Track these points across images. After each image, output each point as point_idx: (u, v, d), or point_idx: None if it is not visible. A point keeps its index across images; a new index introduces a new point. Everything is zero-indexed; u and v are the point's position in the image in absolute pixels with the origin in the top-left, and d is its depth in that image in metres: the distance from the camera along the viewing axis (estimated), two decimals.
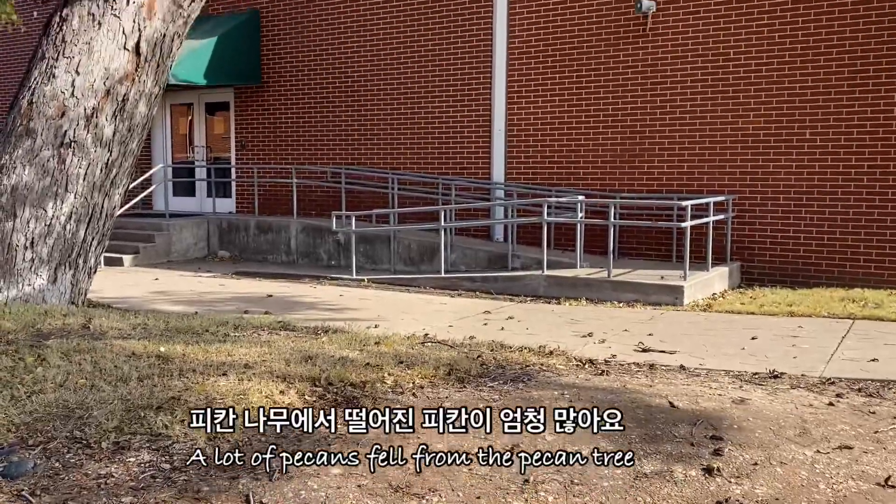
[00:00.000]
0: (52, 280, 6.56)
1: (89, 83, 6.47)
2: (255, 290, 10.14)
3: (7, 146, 6.47)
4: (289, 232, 13.35)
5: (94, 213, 6.73)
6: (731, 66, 10.75)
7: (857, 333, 7.17)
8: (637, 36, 11.32)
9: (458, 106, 12.90)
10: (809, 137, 10.37)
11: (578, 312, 8.57)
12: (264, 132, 14.98)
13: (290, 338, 5.19)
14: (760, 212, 10.72)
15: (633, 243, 11.53)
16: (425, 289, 10.34)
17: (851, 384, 4.92)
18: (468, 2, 12.65)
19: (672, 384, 4.55)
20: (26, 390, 3.62)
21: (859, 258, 10.15)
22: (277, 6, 14.58)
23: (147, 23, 6.63)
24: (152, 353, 4.29)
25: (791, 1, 10.32)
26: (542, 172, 12.24)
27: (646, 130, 11.39)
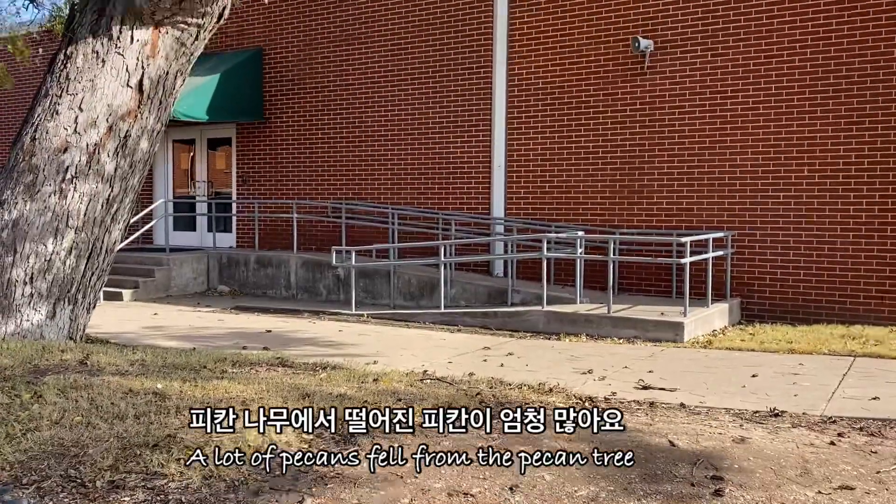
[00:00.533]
0: (50, 315, 6.54)
1: (92, 119, 6.53)
2: (254, 325, 10.12)
3: (9, 181, 6.50)
4: (288, 266, 13.36)
5: (95, 249, 6.74)
6: (729, 104, 10.85)
7: (857, 371, 7.13)
8: (635, 74, 11.45)
9: (458, 142, 13.00)
10: (808, 174, 10.43)
11: (578, 349, 8.54)
12: (265, 167, 15.07)
13: (288, 374, 5.17)
14: (760, 248, 10.74)
15: (632, 279, 11.53)
16: (425, 324, 10.31)
17: (853, 423, 4.88)
18: (468, 40, 12.81)
19: (672, 422, 4.52)
20: (21, 427, 3.59)
21: (859, 294, 10.14)
22: (280, 44, 14.77)
23: (150, 61, 6.71)
24: (149, 390, 4.27)
25: (790, 41, 10.45)
26: (542, 208, 12.29)
27: (644, 167, 11.46)
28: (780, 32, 10.49)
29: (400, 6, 13.43)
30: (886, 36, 9.90)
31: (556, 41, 12.03)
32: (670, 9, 11.18)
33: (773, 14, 10.52)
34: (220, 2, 6.82)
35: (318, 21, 14.32)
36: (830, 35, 10.21)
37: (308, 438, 3.68)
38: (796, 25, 10.40)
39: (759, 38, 10.61)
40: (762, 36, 10.60)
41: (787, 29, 10.45)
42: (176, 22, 6.73)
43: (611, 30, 11.61)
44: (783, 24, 10.48)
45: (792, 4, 10.42)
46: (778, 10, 10.50)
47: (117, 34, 6.61)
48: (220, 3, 6.83)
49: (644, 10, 11.34)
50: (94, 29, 6.65)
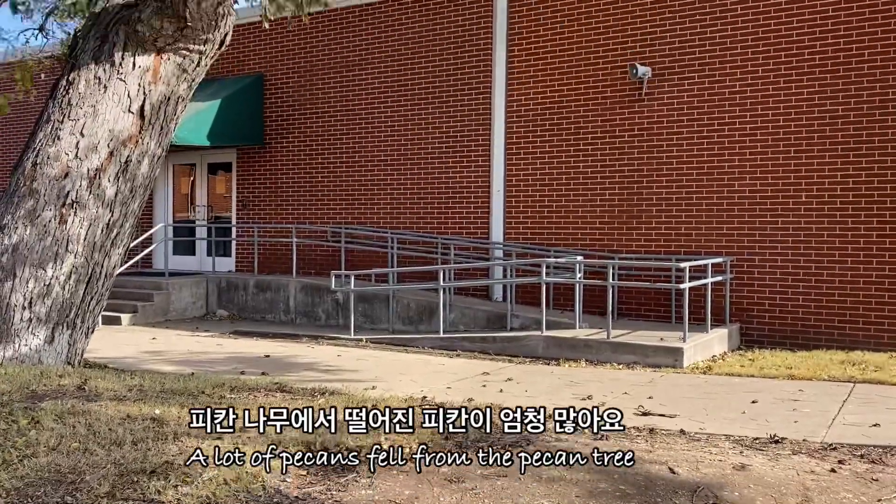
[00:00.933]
0: (48, 340, 6.53)
1: (93, 145, 6.57)
2: (253, 349, 10.09)
3: (10, 206, 6.53)
4: (287, 291, 13.35)
5: (94, 274, 6.75)
6: (727, 130, 10.92)
7: (857, 397, 7.11)
8: (633, 100, 11.53)
9: (457, 167, 13.06)
10: (805, 200, 10.46)
11: (578, 374, 8.51)
12: (266, 192, 15.12)
13: (286, 400, 5.15)
14: (759, 273, 10.75)
15: (632, 304, 11.52)
16: (424, 349, 10.29)
17: (853, 450, 4.86)
18: (468, 67, 12.91)
19: (672, 449, 4.50)
20: (18, 454, 3.58)
21: (858, 320, 10.13)
22: (281, 70, 14.88)
23: (152, 87, 6.76)
24: (147, 416, 4.25)
25: (786, 67, 10.53)
26: (541, 232, 12.32)
27: (643, 192, 11.51)
28: (777, 59, 10.59)
29: (399, 33, 13.55)
30: (882, 63, 9.99)
31: (555, 67, 12.13)
32: (667, 36, 11.29)
33: (770, 41, 10.62)
34: (221, 29, 6.89)
35: (319, 47, 14.45)
36: (827, 62, 10.30)
37: (305, 466, 3.66)
38: (792, 53, 10.49)
39: (756, 65, 10.71)
40: (759, 63, 10.69)
41: (784, 56, 10.55)
42: (178, 49, 6.80)
43: (609, 56, 11.71)
44: (779, 52, 10.57)
45: (788, 32, 10.52)
46: (774, 37, 10.60)
47: (119, 60, 6.68)
48: (221, 30, 6.90)
49: (641, 38, 11.45)
50: (97, 55, 6.71)
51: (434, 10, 13.23)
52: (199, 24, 6.67)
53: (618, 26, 11.64)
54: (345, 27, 14.13)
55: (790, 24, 10.51)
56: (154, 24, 6.61)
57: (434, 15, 13.22)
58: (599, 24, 11.78)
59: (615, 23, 11.66)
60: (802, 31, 10.45)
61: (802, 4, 10.45)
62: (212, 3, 6.55)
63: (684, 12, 11.18)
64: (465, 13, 12.94)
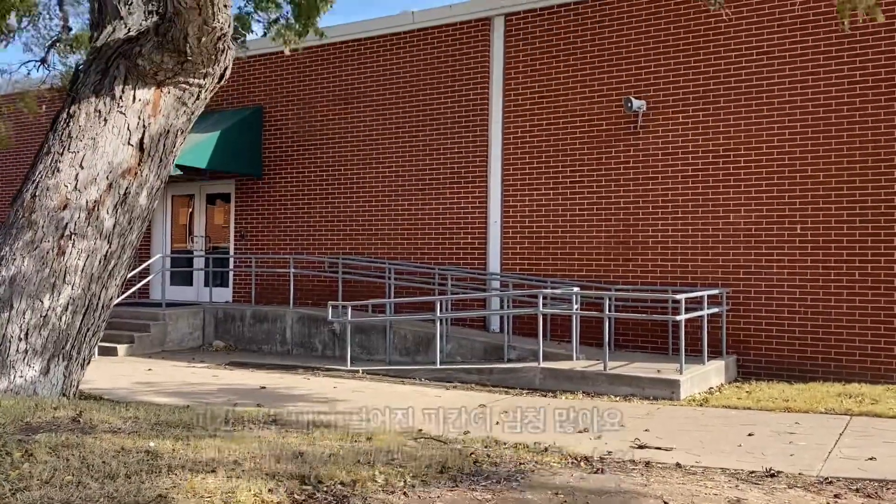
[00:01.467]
0: (44, 372, 6.52)
1: (92, 177, 6.61)
2: (249, 381, 10.06)
3: (8, 238, 6.56)
4: (284, 322, 13.34)
5: (91, 305, 6.76)
6: (721, 162, 11.01)
7: (854, 430, 7.10)
8: (628, 133, 11.64)
9: (454, 198, 13.13)
10: (801, 232, 10.52)
11: (575, 407, 8.48)
12: (264, 222, 15.17)
13: (281, 433, 5.14)
14: (755, 305, 10.77)
15: (628, 335, 11.52)
16: (420, 380, 10.26)
17: (850, 484, 4.85)
18: (465, 100, 13.04)
19: (668, 483, 4.49)
20: (11, 487, 3.56)
21: (855, 352, 10.13)
22: (280, 102, 15.01)
23: (151, 119, 6.83)
24: (141, 449, 4.24)
25: (780, 101, 10.65)
26: (538, 263, 12.35)
27: (639, 224, 11.57)
28: (770, 94, 10.71)
29: (397, 66, 13.71)
30: (886, 103, 10.11)
31: (551, 101, 12.26)
32: (661, 70, 11.43)
33: (763, 76, 10.76)
34: (221, 63, 6.98)
35: (318, 80, 14.59)
36: (831, 102, 10.42)
37: (300, 499, 3.65)
38: (785, 87, 10.63)
39: (750, 98, 10.83)
40: (752, 97, 10.82)
41: (777, 90, 10.67)
42: (178, 82, 6.88)
43: (604, 90, 11.85)
44: (772, 86, 10.70)
45: (781, 67, 10.66)
46: (767, 72, 10.74)
47: (120, 93, 6.75)
48: (221, 64, 6.98)
49: (637, 72, 11.60)
50: (98, 88, 6.79)
51: (431, 45, 13.39)
52: (200, 59, 6.76)
53: (612, 60, 11.79)
54: (343, 60, 14.29)
55: (783, 58, 10.65)
56: (155, 58, 6.70)
57: (432, 49, 13.39)
58: (594, 59, 11.94)
59: (610, 57, 11.82)
60: (795, 66, 10.58)
61: (795, 40, 10.59)
62: (212, 39, 6.64)
63: (678, 46, 11.33)
64: (462, 47, 13.11)
